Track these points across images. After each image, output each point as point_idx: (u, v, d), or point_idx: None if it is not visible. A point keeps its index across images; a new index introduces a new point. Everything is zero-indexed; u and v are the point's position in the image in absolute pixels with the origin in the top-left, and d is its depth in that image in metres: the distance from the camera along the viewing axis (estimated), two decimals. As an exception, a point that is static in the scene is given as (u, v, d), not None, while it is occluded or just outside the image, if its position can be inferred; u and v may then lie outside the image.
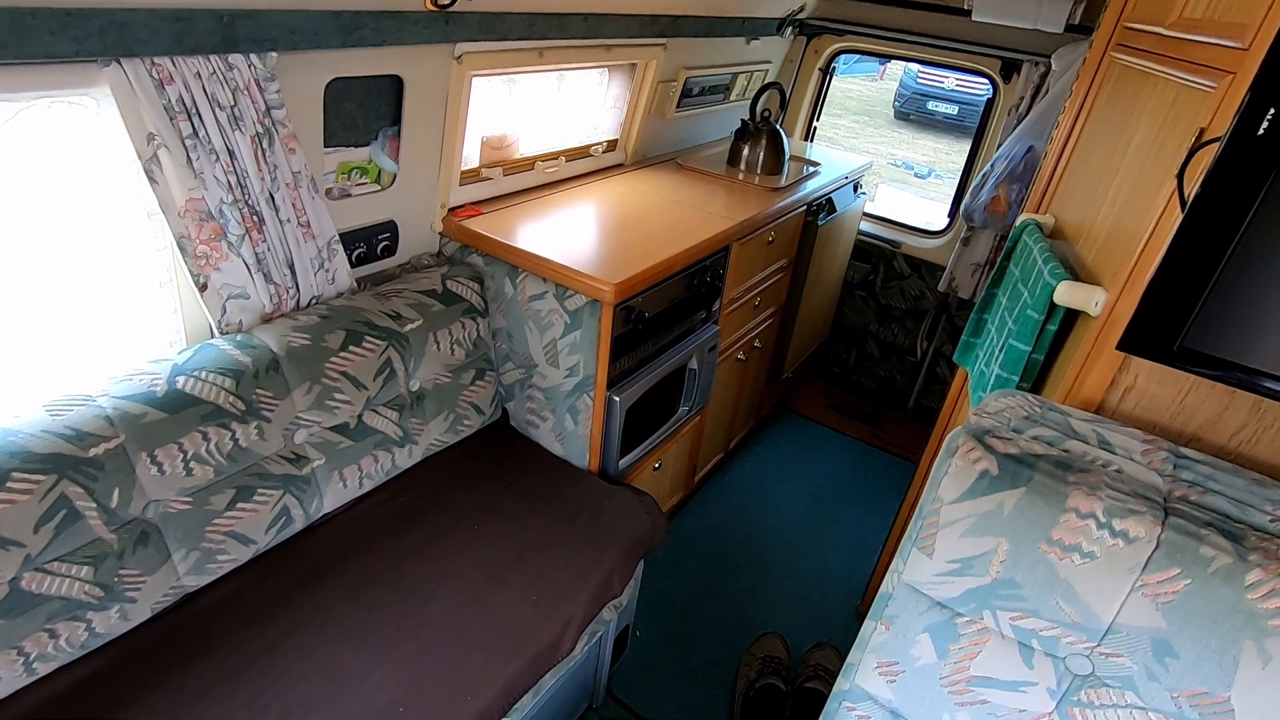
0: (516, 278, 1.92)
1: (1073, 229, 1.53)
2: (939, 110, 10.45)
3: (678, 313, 2.14)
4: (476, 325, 1.93)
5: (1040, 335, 1.35)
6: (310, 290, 1.61)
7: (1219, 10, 1.09)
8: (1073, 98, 1.69)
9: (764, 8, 2.79)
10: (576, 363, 1.91)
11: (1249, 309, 0.93)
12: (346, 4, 1.39)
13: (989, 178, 2.68)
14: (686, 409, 2.38)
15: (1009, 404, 1.15)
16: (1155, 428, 1.18)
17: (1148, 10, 1.42)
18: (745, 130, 2.77)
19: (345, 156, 1.71)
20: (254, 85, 1.31)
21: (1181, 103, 1.14)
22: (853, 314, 3.63)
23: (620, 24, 2.12)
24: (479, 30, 1.70)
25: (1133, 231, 1.19)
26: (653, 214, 2.22)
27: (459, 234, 1.99)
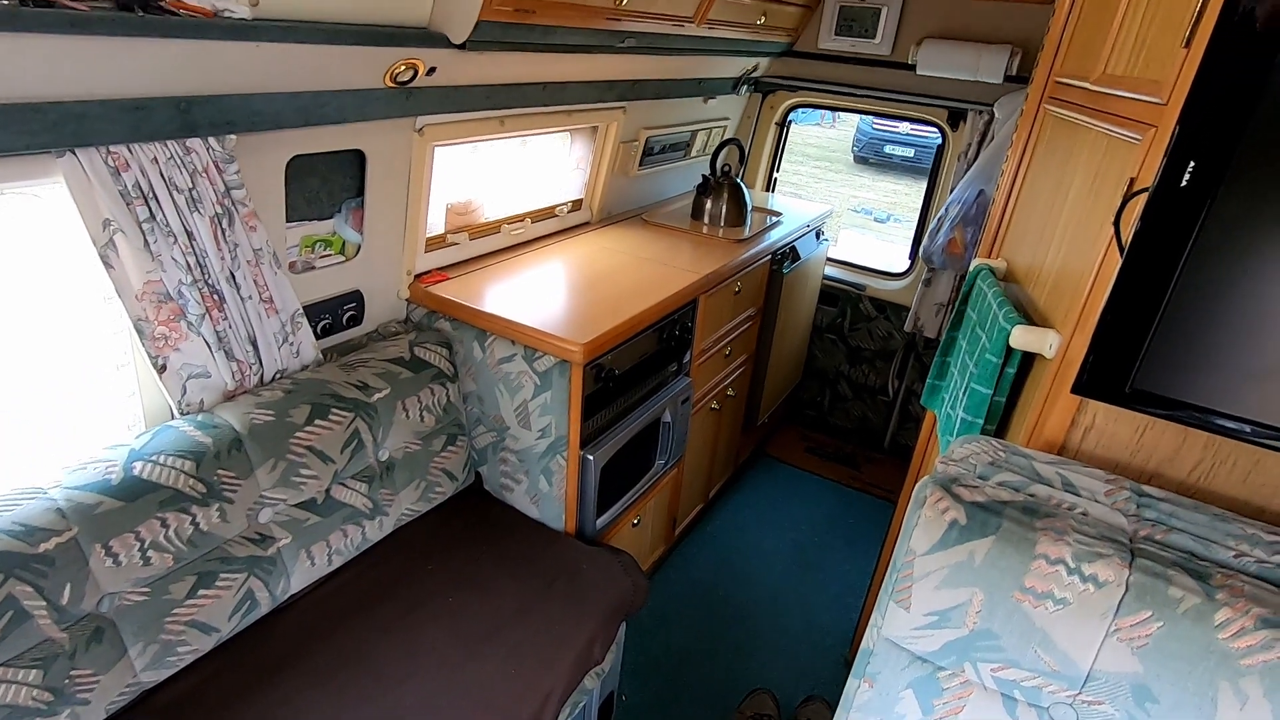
0: (485, 341, 1.92)
1: (1024, 272, 1.58)
2: (895, 153, 10.83)
3: (649, 367, 2.14)
4: (446, 390, 1.92)
5: (1000, 378, 1.38)
6: (274, 365, 1.59)
7: (1138, 68, 1.15)
8: (1014, 147, 1.76)
9: (719, 69, 2.90)
10: (548, 424, 1.90)
11: (1192, 348, 0.96)
12: (307, 85, 1.41)
13: (944, 221, 2.77)
14: (663, 462, 2.37)
15: (974, 450, 1.16)
16: (1117, 466, 1.19)
17: (1075, 66, 1.50)
18: (707, 185, 2.84)
19: (309, 230, 1.72)
20: (213, 167, 1.32)
21: (1112, 153, 1.19)
22: (823, 357, 3.67)
23: (579, 90, 2.19)
24: (439, 103, 1.74)
25: (1079, 275, 1.23)
26: (620, 271, 2.25)
27: (426, 300, 1.99)
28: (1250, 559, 0.97)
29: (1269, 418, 0.93)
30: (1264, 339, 0.91)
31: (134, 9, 1.07)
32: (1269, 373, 0.92)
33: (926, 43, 2.82)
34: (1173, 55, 1.02)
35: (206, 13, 1.15)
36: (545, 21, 1.70)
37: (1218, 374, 0.95)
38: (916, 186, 9.96)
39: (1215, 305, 0.92)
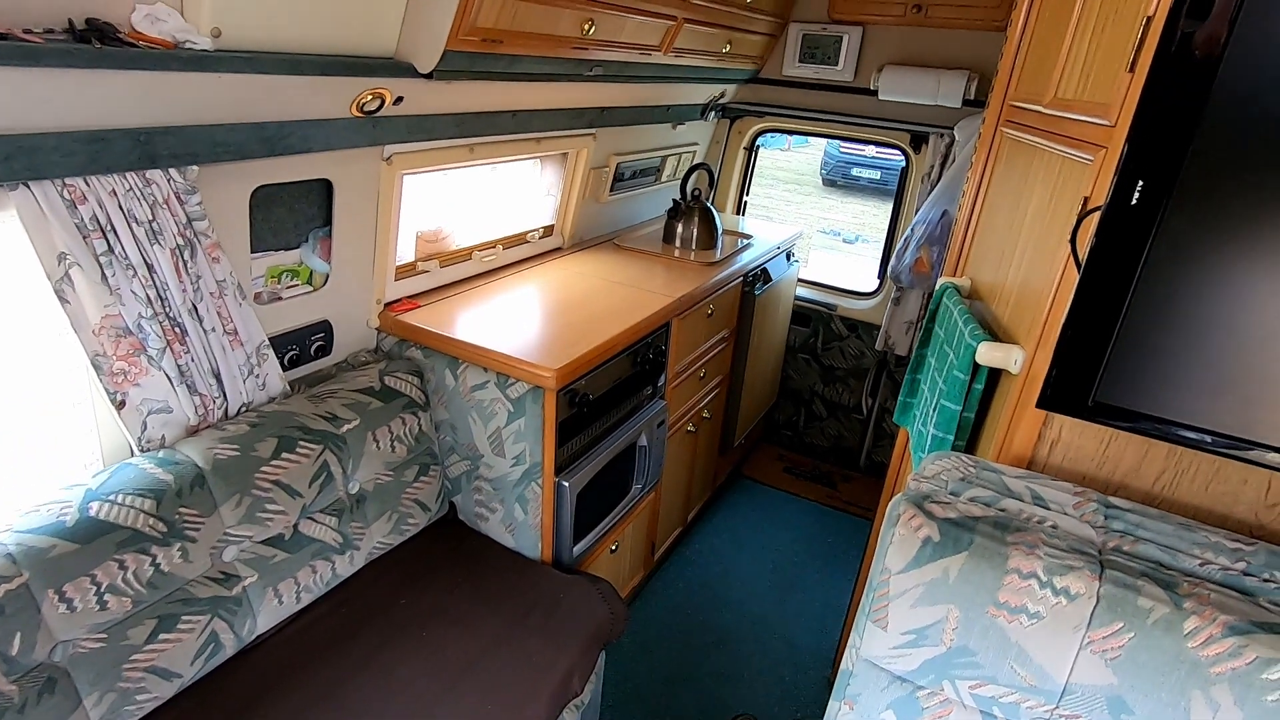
0: (457, 369, 1.90)
1: (987, 290, 1.61)
2: (863, 175, 11.08)
3: (623, 391, 2.14)
4: (418, 420, 1.89)
5: (968, 394, 1.39)
6: (239, 398, 1.56)
7: (1086, 91, 1.20)
8: (973, 168, 1.81)
9: (687, 96, 2.95)
10: (522, 451, 1.88)
11: (1150, 362, 0.98)
12: (272, 115, 1.40)
13: (910, 241, 2.83)
14: (640, 487, 2.36)
15: (945, 466, 1.17)
16: (1084, 478, 1.21)
17: (1028, 90, 1.55)
18: (678, 209, 2.87)
19: (275, 260, 1.70)
20: (174, 199, 1.30)
21: (1066, 174, 1.23)
22: (797, 376, 3.70)
23: (548, 118, 2.20)
24: (408, 132, 1.74)
25: (1039, 291, 1.26)
26: (592, 296, 2.25)
27: (396, 329, 1.97)
28: (1215, 566, 0.98)
29: (1226, 427, 0.95)
30: (1217, 351, 0.93)
31: (91, 41, 1.05)
32: (1223, 384, 0.95)
33: (887, 69, 2.90)
34: (1118, 79, 1.06)
35: (167, 44, 1.14)
36: (512, 51, 1.71)
37: (1176, 386, 0.97)
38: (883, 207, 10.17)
39: (1169, 319, 0.95)
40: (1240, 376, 0.93)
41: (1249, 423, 0.94)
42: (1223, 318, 0.92)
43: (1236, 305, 0.91)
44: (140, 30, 1.13)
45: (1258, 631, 0.86)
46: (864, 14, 2.94)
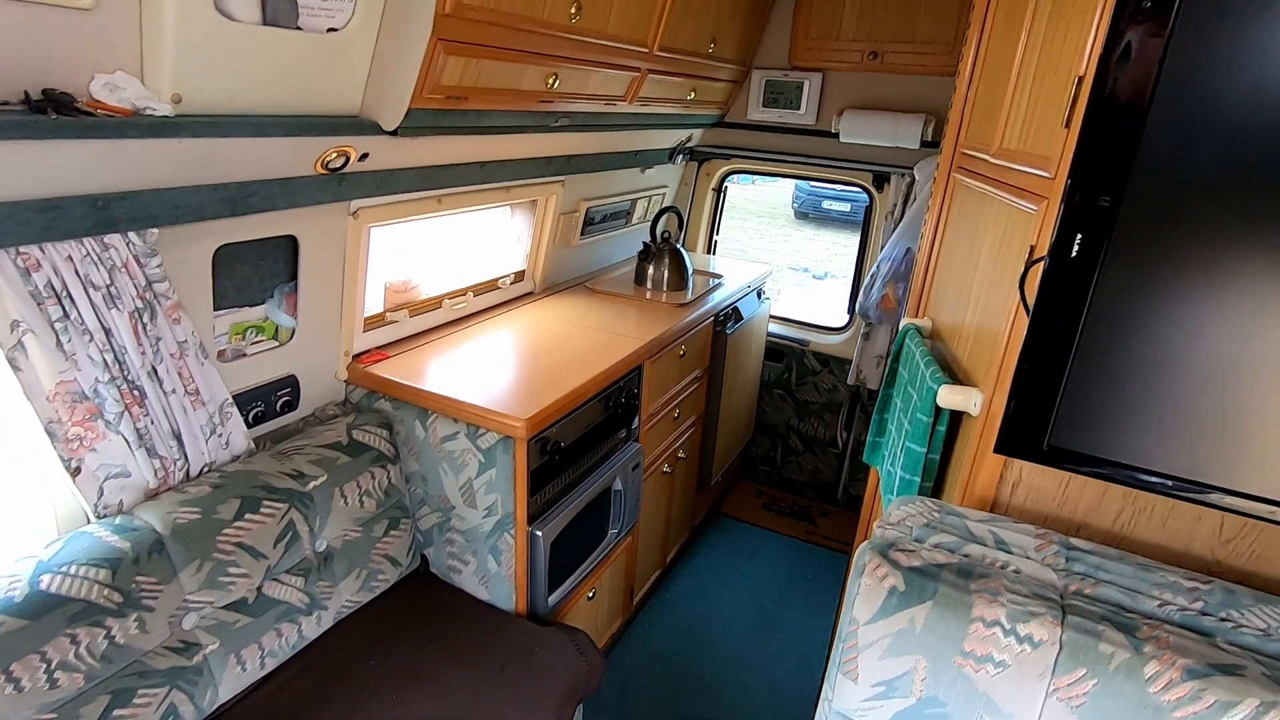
0: (427, 420, 1.89)
1: (947, 330, 1.65)
2: (833, 209, 11.32)
3: (596, 436, 2.13)
4: (387, 473, 1.87)
5: (932, 436, 1.41)
6: (201, 459, 1.53)
7: (1028, 143, 1.25)
8: (930, 212, 1.86)
9: (654, 141, 3.01)
10: (494, 501, 1.86)
11: (1099, 406, 1.01)
12: (234, 176, 1.41)
13: (877, 278, 2.88)
14: (616, 531, 2.34)
15: (910, 512, 1.18)
16: (1046, 518, 1.23)
17: (977, 138, 1.61)
18: (648, 251, 2.91)
19: (239, 317, 1.68)
20: (133, 262, 1.29)
21: (1014, 222, 1.27)
22: (773, 412, 3.72)
23: (516, 167, 2.23)
24: (374, 187, 1.75)
25: (994, 334, 1.29)
26: (564, 341, 2.26)
27: (365, 380, 1.96)
28: (1174, 607, 1.00)
29: (1176, 469, 0.97)
30: (1161, 395, 0.96)
31: (47, 112, 1.05)
32: (1170, 427, 0.97)
33: (847, 113, 3.00)
34: (1056, 134, 1.11)
35: (125, 112, 1.15)
36: (478, 106, 1.74)
37: (1126, 429, 1.00)
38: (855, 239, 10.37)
39: (1115, 365, 0.98)
40: (1184, 419, 0.96)
41: (1196, 464, 0.97)
42: (1164, 363, 0.95)
43: (1175, 351, 0.94)
44: (99, 99, 1.14)
45: (1216, 674, 0.87)
46: (823, 61, 3.04)
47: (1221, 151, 0.87)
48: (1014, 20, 1.44)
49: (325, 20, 1.38)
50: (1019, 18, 1.40)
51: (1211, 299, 0.90)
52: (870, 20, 2.90)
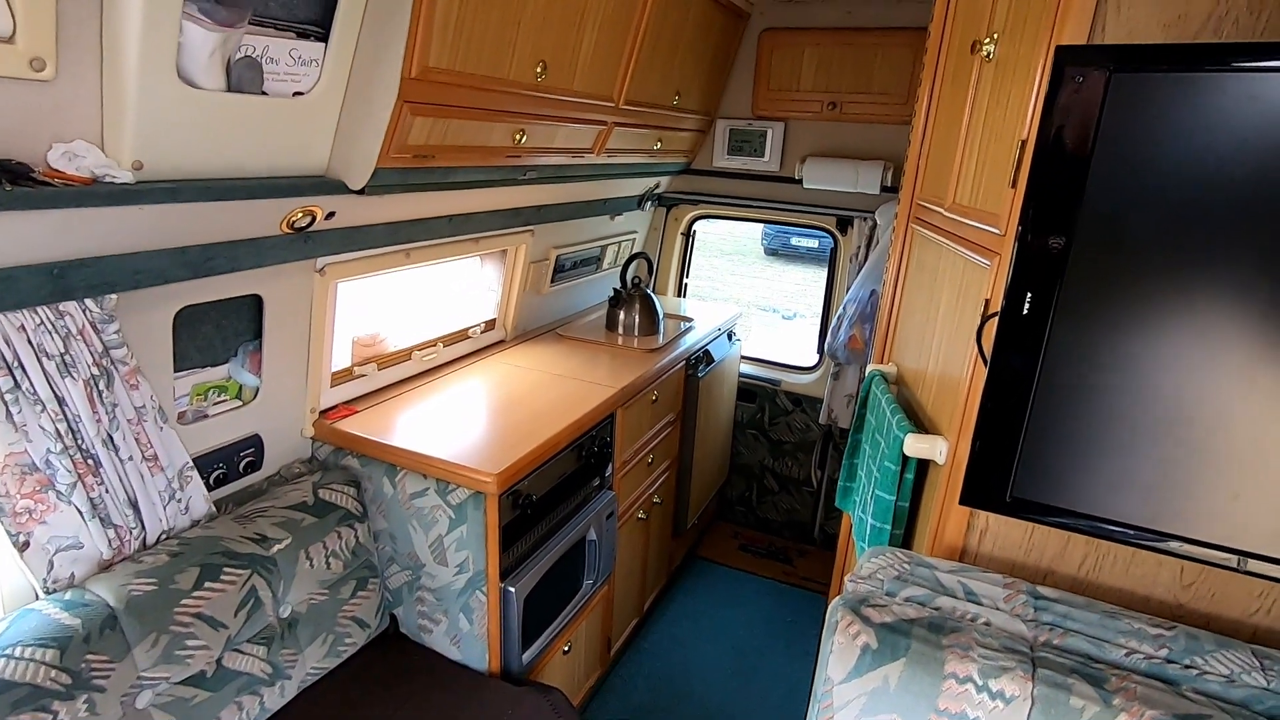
0: (395, 476, 1.86)
1: (912, 377, 1.68)
2: (802, 245, 11.57)
3: (569, 486, 2.12)
4: (355, 532, 1.82)
5: (901, 484, 1.43)
6: (158, 526, 1.48)
7: (979, 200, 1.29)
8: (891, 260, 1.91)
9: (623, 189, 3.06)
10: (465, 558, 1.82)
11: (1058, 457, 1.03)
12: (196, 238, 1.40)
13: (844, 319, 2.94)
14: (591, 582, 2.30)
15: (881, 564, 1.19)
16: (1013, 567, 1.24)
17: (931, 191, 1.67)
18: (619, 297, 2.93)
19: (201, 378, 1.65)
20: (89, 329, 1.26)
21: (969, 275, 1.31)
22: (747, 452, 3.73)
23: (485, 219, 2.25)
24: (341, 244, 1.75)
25: (956, 383, 1.32)
26: (535, 391, 2.25)
27: (332, 437, 1.93)
28: (1140, 655, 1.01)
29: (1132, 518, 1.00)
30: (1116, 446, 0.99)
31: (2, 183, 1.04)
32: (1125, 477, 1.00)
33: (810, 160, 3.09)
34: (1004, 193, 1.15)
35: (85, 180, 1.14)
36: (446, 164, 1.76)
37: (1085, 479, 1.02)
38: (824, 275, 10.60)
39: (1069, 417, 1.00)
40: (1140, 468, 0.99)
41: (1153, 512, 0.99)
42: (1117, 414, 0.98)
43: (1127, 402, 0.97)
44: (57, 168, 1.13)
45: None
46: (785, 111, 3.14)
47: (1157, 213, 0.91)
48: (960, 83, 1.51)
49: (291, 85, 1.39)
50: (964, 80, 1.47)
51: (1157, 351, 0.93)
52: (828, 72, 3.01)
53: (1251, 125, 0.82)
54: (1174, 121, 0.87)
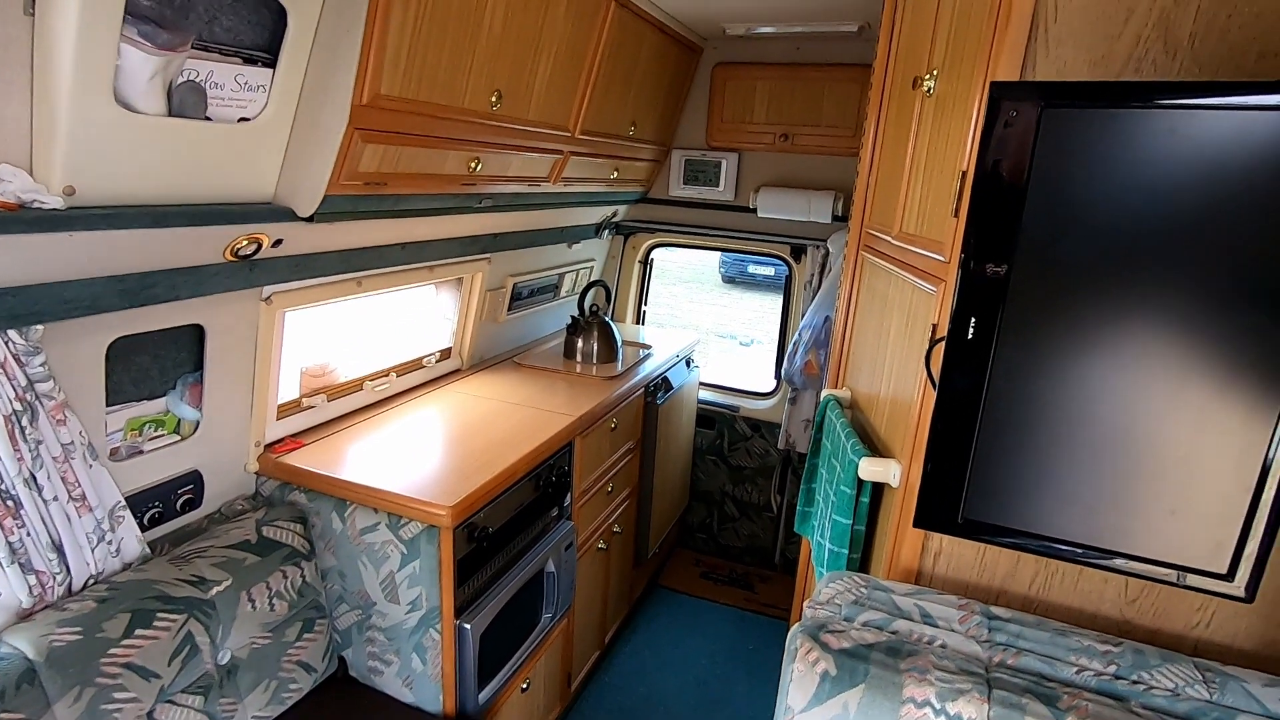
0: (345, 511, 1.79)
1: (865, 401, 1.71)
2: (758, 273, 11.78)
3: (527, 517, 2.07)
4: (301, 571, 1.75)
5: (857, 508, 1.44)
6: (86, 571, 1.39)
7: (924, 228, 1.33)
8: (843, 286, 1.96)
9: (580, 218, 3.07)
10: (418, 595, 1.76)
11: (1006, 478, 1.05)
12: (133, 266, 1.34)
13: (799, 345, 2.98)
14: (550, 615, 2.25)
15: (839, 589, 1.19)
16: (967, 587, 1.26)
17: (880, 220, 1.71)
18: (577, 325, 2.92)
19: (136, 412, 1.58)
20: (12, 361, 1.20)
21: (917, 301, 1.35)
22: (707, 479, 3.73)
23: (440, 247, 2.23)
24: (290, 272, 1.71)
25: (907, 407, 1.34)
26: (492, 420, 2.21)
27: (277, 471, 1.85)
28: (1090, 673, 1.02)
29: (1077, 536, 1.02)
30: (1060, 467, 1.01)
31: (-82, 209, 0.99)
32: (1070, 496, 1.02)
33: (763, 189, 3.15)
34: (947, 222, 1.19)
35: (10, 206, 1.09)
36: (398, 191, 1.74)
37: (1032, 499, 1.04)
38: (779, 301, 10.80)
39: (1016, 439, 1.03)
40: (1084, 487, 1.01)
41: (1097, 530, 1.02)
42: (1060, 435, 1.01)
43: (1069, 423, 0.99)
44: (-20, 193, 1.08)
45: (1133, 743, 0.89)
46: (738, 142, 3.21)
47: (1088, 240, 0.95)
48: (904, 117, 1.57)
49: (236, 110, 1.36)
50: (908, 114, 1.52)
51: (1094, 373, 0.97)
52: (779, 105, 3.10)
53: (1173, 157, 0.87)
54: (1102, 153, 0.92)
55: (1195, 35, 1.00)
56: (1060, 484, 1.02)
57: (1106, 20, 1.02)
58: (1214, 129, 0.86)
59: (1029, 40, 1.05)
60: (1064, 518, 1.04)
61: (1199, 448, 0.91)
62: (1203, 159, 0.86)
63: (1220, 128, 0.86)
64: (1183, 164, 0.87)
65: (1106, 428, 0.98)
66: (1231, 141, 0.85)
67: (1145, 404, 0.94)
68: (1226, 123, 0.85)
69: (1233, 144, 0.85)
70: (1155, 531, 0.99)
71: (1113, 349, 0.95)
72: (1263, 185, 0.85)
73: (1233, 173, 0.85)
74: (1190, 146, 0.86)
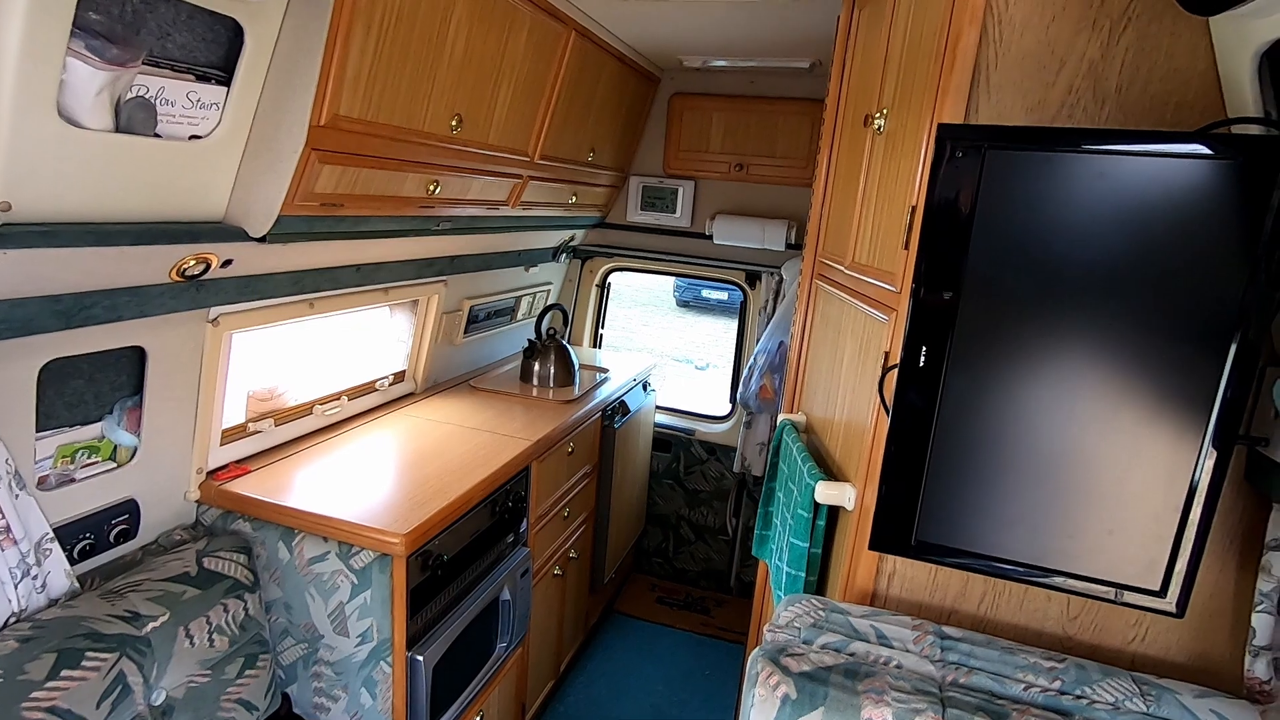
0: (292, 540, 1.73)
1: (820, 425, 1.75)
2: (712, 297, 11.95)
3: (482, 544, 2.04)
4: (244, 604, 1.67)
5: (813, 531, 1.47)
6: (7, 608, 1.31)
7: (876, 259, 1.38)
8: (797, 313, 2.01)
9: (538, 241, 3.08)
10: (369, 627, 1.71)
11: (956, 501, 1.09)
12: (71, 286, 1.28)
13: (754, 370, 3.03)
14: (505, 644, 2.20)
15: (797, 612, 1.20)
16: (920, 608, 1.29)
17: (833, 249, 1.77)
18: (534, 349, 2.91)
19: (69, 438, 1.50)
20: (-65, 385, 1.13)
21: (870, 329, 1.39)
22: (663, 502, 3.73)
23: (396, 269, 2.20)
24: (237, 293, 1.66)
25: (860, 431, 1.38)
26: (447, 445, 2.18)
27: (220, 500, 1.78)
28: (1037, 689, 1.06)
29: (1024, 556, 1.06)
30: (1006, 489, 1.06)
31: None
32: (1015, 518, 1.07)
33: (719, 217, 3.22)
34: (898, 254, 1.24)
35: (-60, 222, 1.03)
36: (355, 213, 1.72)
37: (980, 521, 1.08)
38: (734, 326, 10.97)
39: (964, 463, 1.07)
40: (1027, 509, 1.06)
41: (1041, 551, 1.06)
42: (1005, 458, 1.05)
43: (1013, 447, 1.04)
44: (-94, 207, 1.02)
45: (1079, 757, 0.92)
46: (694, 170, 3.28)
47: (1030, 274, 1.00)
48: (855, 151, 1.63)
49: (188, 128, 1.33)
50: (859, 149, 1.59)
51: (1035, 398, 1.01)
52: (735, 136, 3.18)
53: (1102, 199, 0.93)
54: (1040, 192, 0.97)
55: (1121, 86, 1.07)
56: (1006, 506, 1.07)
57: (1041, 69, 1.09)
58: (1137, 173, 0.92)
59: (972, 85, 1.11)
60: (1010, 538, 1.08)
61: (1132, 471, 0.96)
62: (1130, 200, 0.92)
63: (1143, 172, 0.92)
64: (1110, 205, 0.93)
65: (1048, 452, 1.03)
66: (1154, 184, 0.91)
67: (1083, 429, 1.00)
68: (1149, 168, 0.92)
69: (1155, 186, 0.91)
70: (1094, 551, 1.04)
71: (1053, 377, 1.00)
72: (1183, 226, 0.92)
73: (1157, 213, 0.92)
74: (1117, 188, 0.92)
